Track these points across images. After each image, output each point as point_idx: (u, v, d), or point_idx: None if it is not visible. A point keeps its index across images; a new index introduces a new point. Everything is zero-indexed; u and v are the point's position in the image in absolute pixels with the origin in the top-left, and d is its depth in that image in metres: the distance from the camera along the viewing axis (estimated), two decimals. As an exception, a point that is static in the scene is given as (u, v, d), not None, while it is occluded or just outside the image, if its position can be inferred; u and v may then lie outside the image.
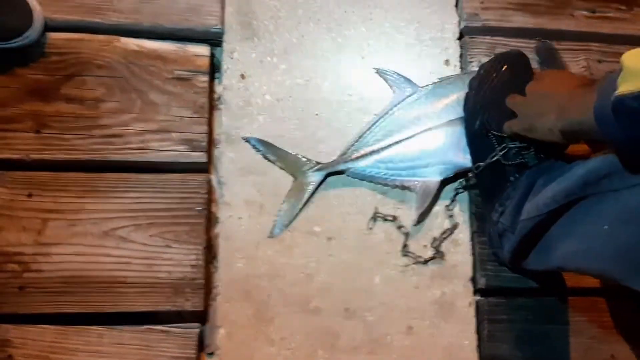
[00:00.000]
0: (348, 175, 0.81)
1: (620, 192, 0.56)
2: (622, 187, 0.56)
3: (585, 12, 0.91)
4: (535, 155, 0.72)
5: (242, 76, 0.82)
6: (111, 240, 0.76)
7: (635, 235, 0.53)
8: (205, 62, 0.82)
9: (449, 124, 0.80)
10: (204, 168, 0.80)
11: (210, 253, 0.79)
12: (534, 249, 0.71)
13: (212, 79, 0.84)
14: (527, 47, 0.86)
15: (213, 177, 0.81)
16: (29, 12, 0.74)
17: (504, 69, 0.77)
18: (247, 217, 0.79)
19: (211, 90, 0.83)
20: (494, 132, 0.73)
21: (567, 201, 0.63)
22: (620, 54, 0.89)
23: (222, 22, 0.83)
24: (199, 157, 0.79)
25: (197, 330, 0.75)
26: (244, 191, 0.80)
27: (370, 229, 0.81)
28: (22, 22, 0.74)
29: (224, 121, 0.81)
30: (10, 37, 0.73)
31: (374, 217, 0.81)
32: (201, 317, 0.77)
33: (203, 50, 0.82)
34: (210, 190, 0.79)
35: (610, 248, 0.56)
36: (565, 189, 0.64)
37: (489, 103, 0.75)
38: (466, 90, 0.79)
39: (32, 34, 0.75)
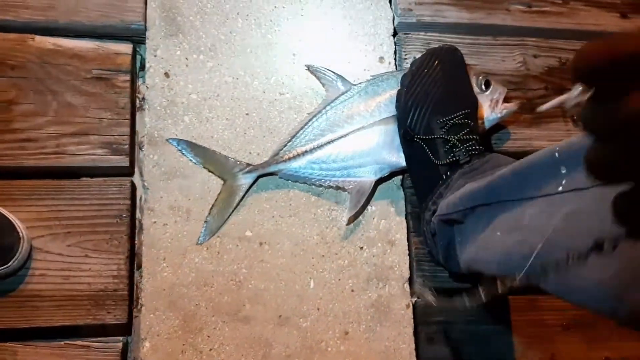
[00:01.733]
0: (280, 177, 0.78)
1: (519, 202, 0.56)
2: (520, 198, 0.56)
3: (520, 7, 0.90)
4: (467, 152, 0.71)
5: (166, 74, 0.78)
6: (25, 251, 0.71)
7: (517, 243, 0.54)
8: (126, 60, 0.77)
9: (383, 123, 0.78)
10: (126, 172, 0.76)
11: (134, 262, 0.75)
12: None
13: (136, 78, 0.80)
14: (462, 43, 0.85)
15: (137, 182, 0.77)
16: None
17: (436, 64, 0.75)
18: (173, 224, 0.75)
19: (134, 90, 0.79)
20: (419, 137, 0.72)
21: (473, 205, 0.63)
22: (557, 48, 0.91)
23: (145, 18, 0.79)
24: (120, 160, 0.75)
25: (120, 344, 0.71)
26: (169, 196, 0.76)
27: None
28: None
29: (147, 122, 0.77)
30: None
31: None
32: (125, 329, 0.73)
33: (124, 48, 0.78)
34: (132, 196, 0.75)
35: (498, 254, 0.57)
36: (471, 193, 0.63)
37: (421, 100, 0.73)
38: (399, 87, 0.77)
39: None
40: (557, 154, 0.51)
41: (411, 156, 0.75)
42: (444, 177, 0.71)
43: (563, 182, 0.50)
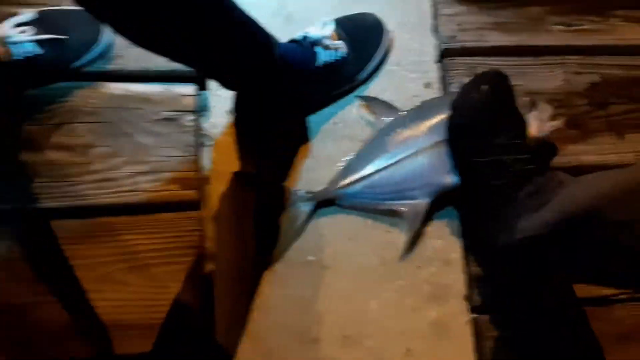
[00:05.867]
0: (338, 205, 0.82)
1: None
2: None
3: (560, 27, 0.92)
4: (522, 172, 0.73)
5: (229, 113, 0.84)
6: (108, 283, 0.76)
7: None
8: (191, 102, 0.83)
9: (434, 146, 0.81)
10: (196, 205, 0.81)
11: (205, 290, 0.80)
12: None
13: (199, 117, 0.86)
14: (506, 65, 0.88)
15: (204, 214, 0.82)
16: None
17: (483, 88, 0.78)
18: (241, 252, 0.80)
19: (199, 128, 0.85)
20: (471, 160, 0.74)
21: (568, 226, 0.65)
22: (598, 64, 0.93)
23: (206, 61, 0.85)
24: (191, 195, 0.80)
25: (198, 367, 0.76)
26: (236, 226, 0.81)
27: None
28: None
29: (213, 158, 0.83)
30: None
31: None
32: (201, 353, 0.78)
33: (189, 90, 0.84)
34: (203, 228, 0.81)
35: None
36: (566, 211, 0.66)
37: (471, 123, 0.77)
38: (448, 111, 0.80)
39: None
40: None
41: (465, 179, 0.78)
42: (502, 198, 0.74)
43: None
